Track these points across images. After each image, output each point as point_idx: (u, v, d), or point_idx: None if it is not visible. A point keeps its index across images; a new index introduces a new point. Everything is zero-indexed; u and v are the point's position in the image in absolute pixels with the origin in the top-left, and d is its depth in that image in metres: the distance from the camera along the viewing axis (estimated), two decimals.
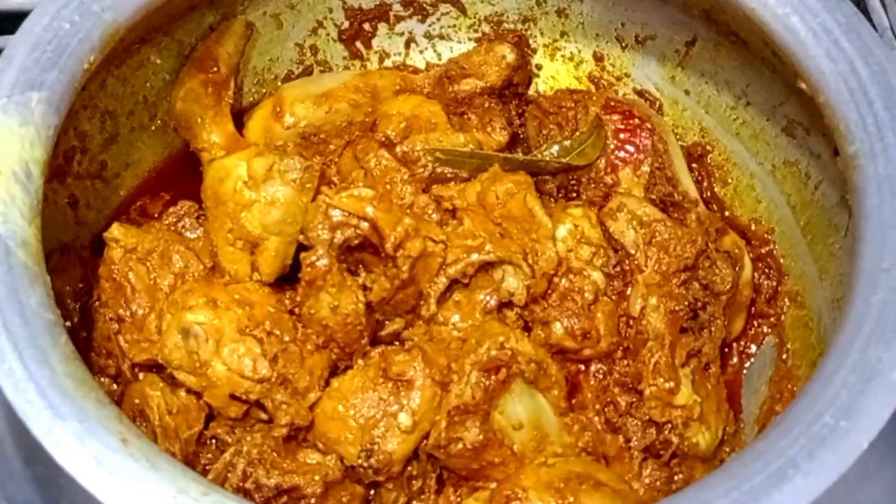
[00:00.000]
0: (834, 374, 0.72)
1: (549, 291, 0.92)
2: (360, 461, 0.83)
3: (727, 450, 0.95)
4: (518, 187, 0.95)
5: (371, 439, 0.83)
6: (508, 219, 0.93)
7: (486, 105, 1.08)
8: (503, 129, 1.05)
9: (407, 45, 1.19)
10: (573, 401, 0.92)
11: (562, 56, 1.17)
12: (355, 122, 1.04)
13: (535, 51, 1.17)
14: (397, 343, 0.90)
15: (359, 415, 0.84)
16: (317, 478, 0.83)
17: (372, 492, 0.87)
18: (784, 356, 1.00)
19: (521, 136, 1.10)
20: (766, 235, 1.05)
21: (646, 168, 1.01)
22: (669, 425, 0.90)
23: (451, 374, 0.84)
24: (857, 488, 0.80)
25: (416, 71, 1.16)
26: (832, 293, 0.95)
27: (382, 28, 1.17)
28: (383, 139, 1.00)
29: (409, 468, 0.85)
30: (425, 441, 0.84)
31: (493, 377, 0.84)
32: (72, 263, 0.92)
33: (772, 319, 1.02)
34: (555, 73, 1.18)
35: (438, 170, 0.99)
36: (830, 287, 0.95)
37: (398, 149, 0.99)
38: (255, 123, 1.06)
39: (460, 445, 0.83)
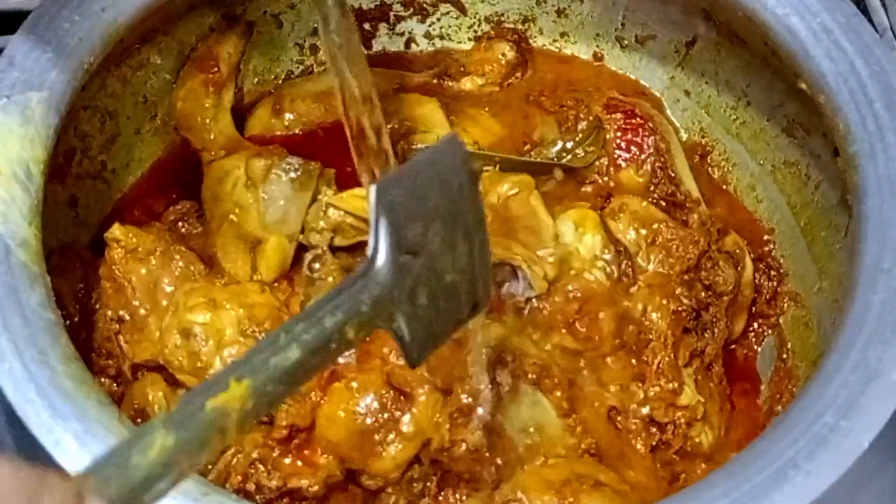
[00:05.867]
0: (834, 374, 0.71)
1: (551, 292, 0.92)
2: (361, 465, 0.83)
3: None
4: (519, 187, 0.95)
5: (373, 444, 0.83)
6: (509, 219, 0.93)
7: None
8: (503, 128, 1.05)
9: (407, 45, 1.19)
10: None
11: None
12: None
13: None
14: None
15: (361, 419, 0.84)
16: (318, 480, 0.83)
17: (373, 493, 0.87)
18: (784, 356, 1.00)
19: None
20: (766, 235, 1.05)
21: (648, 168, 1.01)
22: (672, 426, 0.90)
23: (453, 377, 0.84)
24: (857, 488, 0.80)
25: (415, 70, 1.16)
26: (832, 293, 0.95)
27: (382, 28, 1.17)
28: None
29: (410, 472, 0.85)
30: (428, 445, 0.84)
31: (495, 379, 0.84)
32: (72, 263, 0.92)
33: (772, 319, 1.02)
34: None
35: None
36: (830, 287, 0.95)
37: (397, 147, 0.99)
38: (256, 122, 1.06)
39: (463, 448, 0.83)
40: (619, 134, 1.03)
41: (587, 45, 1.16)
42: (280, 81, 1.14)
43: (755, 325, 1.03)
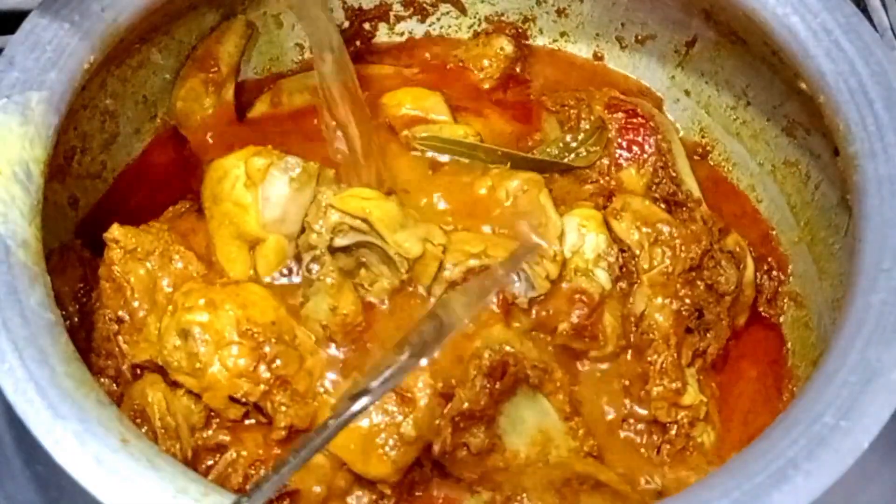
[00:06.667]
0: (834, 374, 0.71)
1: (555, 293, 0.92)
2: (361, 468, 0.83)
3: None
4: (529, 184, 0.94)
5: (374, 447, 0.83)
6: (517, 215, 0.93)
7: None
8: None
9: None
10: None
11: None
12: None
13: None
14: None
15: (362, 422, 0.83)
16: (319, 481, 0.83)
17: (374, 496, 0.86)
18: (784, 356, 1.00)
19: None
20: (771, 231, 1.05)
21: (649, 167, 1.01)
22: (675, 425, 0.90)
23: (454, 381, 0.84)
24: (857, 488, 0.80)
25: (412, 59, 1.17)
26: (832, 293, 0.95)
27: (382, 28, 1.17)
28: (386, 123, 1.01)
29: (412, 474, 0.85)
30: (430, 448, 0.84)
31: (497, 382, 0.84)
32: (72, 263, 0.92)
33: (772, 319, 1.02)
34: None
35: (440, 158, 0.99)
36: (830, 287, 0.95)
37: (401, 135, 1.00)
38: (255, 117, 1.06)
39: (465, 451, 0.83)
40: (620, 133, 1.02)
41: (587, 44, 1.16)
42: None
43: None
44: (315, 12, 0.89)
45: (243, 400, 0.84)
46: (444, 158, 0.99)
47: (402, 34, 1.18)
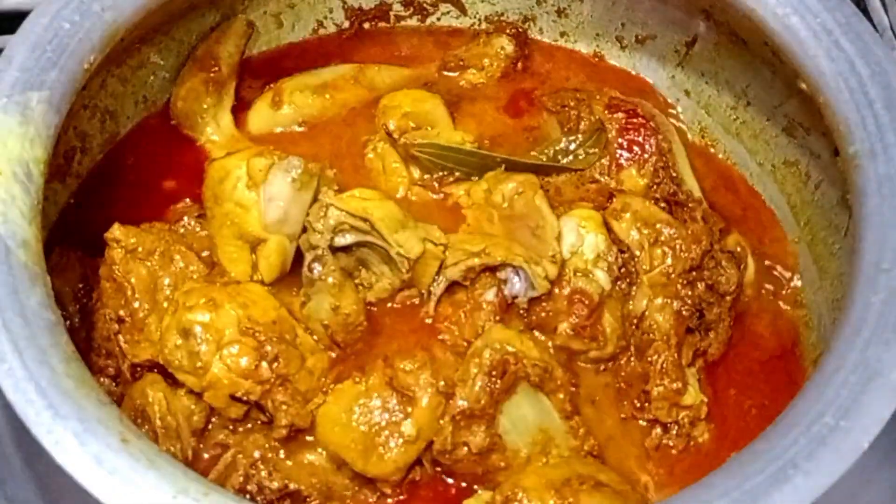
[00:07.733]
0: (834, 374, 0.72)
1: (555, 293, 0.92)
2: (362, 467, 0.83)
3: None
4: (524, 187, 0.94)
5: (374, 446, 0.83)
6: (513, 217, 0.93)
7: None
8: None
9: None
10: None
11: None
12: (356, 110, 1.05)
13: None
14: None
15: (363, 421, 0.83)
16: (319, 481, 0.83)
17: (374, 495, 0.86)
18: (785, 356, 1.00)
19: None
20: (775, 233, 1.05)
21: (650, 168, 1.01)
22: (676, 425, 0.90)
23: (455, 380, 0.84)
24: (857, 488, 0.80)
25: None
26: (832, 293, 0.95)
27: (382, 27, 1.17)
28: (385, 130, 1.01)
29: (412, 473, 0.85)
30: (430, 447, 0.84)
31: (498, 381, 0.84)
32: (72, 263, 0.92)
33: (775, 320, 1.02)
34: None
35: (438, 165, 0.99)
36: (830, 287, 0.95)
37: (400, 142, 1.00)
38: (255, 115, 1.06)
39: (465, 450, 0.83)
40: (621, 133, 1.02)
41: (587, 44, 1.16)
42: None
43: None
44: None
45: (244, 399, 0.84)
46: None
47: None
